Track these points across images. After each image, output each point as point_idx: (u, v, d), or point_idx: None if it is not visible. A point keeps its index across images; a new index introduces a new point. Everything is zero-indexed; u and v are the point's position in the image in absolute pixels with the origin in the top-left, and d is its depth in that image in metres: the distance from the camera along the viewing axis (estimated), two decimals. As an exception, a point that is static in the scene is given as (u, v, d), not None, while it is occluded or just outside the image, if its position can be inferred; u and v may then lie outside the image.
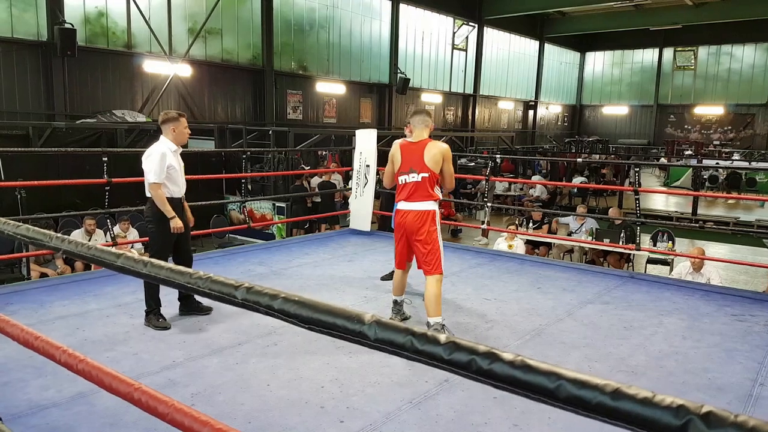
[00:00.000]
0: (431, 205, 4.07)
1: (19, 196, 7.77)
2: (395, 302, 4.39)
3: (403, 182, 4.12)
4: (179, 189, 4.30)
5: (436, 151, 4.04)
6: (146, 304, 4.11)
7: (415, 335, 0.81)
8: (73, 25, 12.30)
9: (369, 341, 0.86)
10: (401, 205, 4.14)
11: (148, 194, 4.20)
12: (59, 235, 1.51)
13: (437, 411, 3.02)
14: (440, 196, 4.26)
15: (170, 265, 1.19)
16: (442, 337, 0.78)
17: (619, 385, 0.68)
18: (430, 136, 4.15)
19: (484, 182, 8.28)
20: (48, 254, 6.90)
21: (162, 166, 4.11)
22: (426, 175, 4.02)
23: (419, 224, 4.05)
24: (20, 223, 1.64)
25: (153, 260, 1.26)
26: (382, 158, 8.06)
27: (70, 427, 2.78)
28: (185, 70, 14.96)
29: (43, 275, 6.77)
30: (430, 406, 3.06)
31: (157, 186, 4.11)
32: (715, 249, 10.45)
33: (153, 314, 4.11)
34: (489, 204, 7.55)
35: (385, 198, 7.22)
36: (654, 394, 0.65)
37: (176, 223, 4.15)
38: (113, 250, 1.38)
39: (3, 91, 11.90)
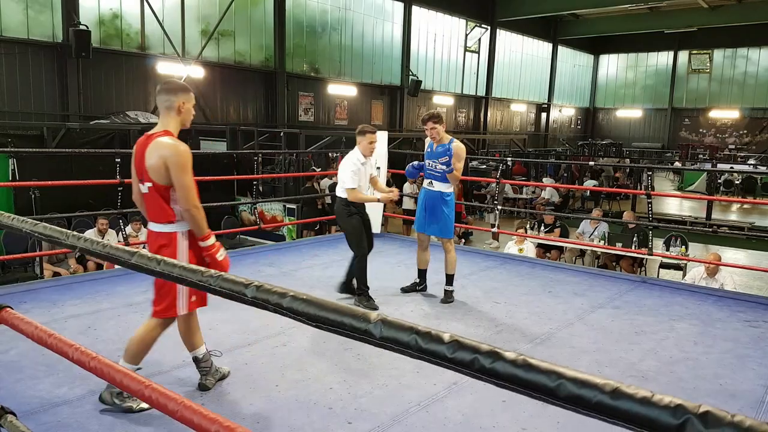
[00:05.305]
0: (172, 227, 2.89)
1: (33, 196, 7.86)
2: (195, 360, 3.19)
3: (139, 193, 2.99)
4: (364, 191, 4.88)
5: (158, 155, 2.79)
6: (357, 287, 4.84)
7: (420, 334, 0.82)
8: (87, 27, 12.44)
9: (374, 339, 0.87)
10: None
11: (338, 194, 4.83)
12: (75, 233, 1.54)
13: (445, 414, 3.02)
14: (177, 212, 2.88)
15: (183, 263, 1.21)
16: (446, 336, 0.79)
17: (618, 384, 0.68)
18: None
19: (494, 185, 8.27)
20: (61, 254, 6.98)
21: (352, 175, 4.72)
22: (150, 185, 2.85)
23: (155, 251, 2.86)
24: (37, 222, 1.67)
25: (166, 259, 1.28)
26: (393, 160, 8.08)
27: (82, 424, 2.81)
28: (198, 72, 15.07)
29: (56, 274, 6.84)
30: (438, 409, 3.07)
31: (351, 195, 4.73)
32: (729, 254, 10.34)
33: (364, 296, 4.84)
34: (499, 207, 7.53)
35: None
36: (653, 394, 0.66)
37: (384, 198, 5.03)
38: (128, 248, 1.40)
39: (18, 92, 12.05)
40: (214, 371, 3.25)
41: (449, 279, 5.07)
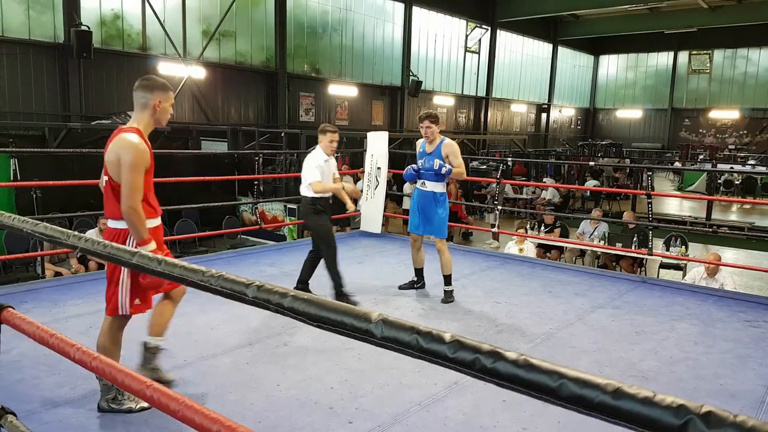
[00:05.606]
0: (124, 224, 2.83)
1: (34, 196, 7.87)
2: (144, 344, 3.10)
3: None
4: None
5: (115, 151, 2.77)
6: (333, 286, 4.74)
7: (421, 333, 0.82)
8: (89, 28, 12.44)
9: (375, 339, 0.87)
10: None
11: (303, 193, 4.85)
12: (76, 233, 1.54)
13: (446, 413, 3.02)
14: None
15: (184, 263, 1.21)
16: (447, 336, 0.79)
17: (620, 384, 0.68)
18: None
19: (494, 185, 8.27)
20: (62, 253, 6.98)
21: (316, 169, 4.77)
22: (107, 179, 2.85)
23: None
24: (38, 222, 1.68)
25: (167, 258, 1.28)
26: (394, 161, 8.08)
27: (83, 424, 2.81)
28: (199, 72, 15.08)
29: (57, 274, 6.84)
30: (439, 409, 3.07)
31: (316, 187, 4.74)
32: (729, 254, 10.34)
33: (342, 296, 4.73)
34: (499, 207, 7.53)
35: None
36: (654, 394, 0.66)
37: (348, 188, 4.99)
38: (128, 248, 1.40)
39: (20, 92, 12.05)
40: (153, 368, 3.06)
41: (447, 279, 5.05)
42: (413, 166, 5.15)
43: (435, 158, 4.88)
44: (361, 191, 7.64)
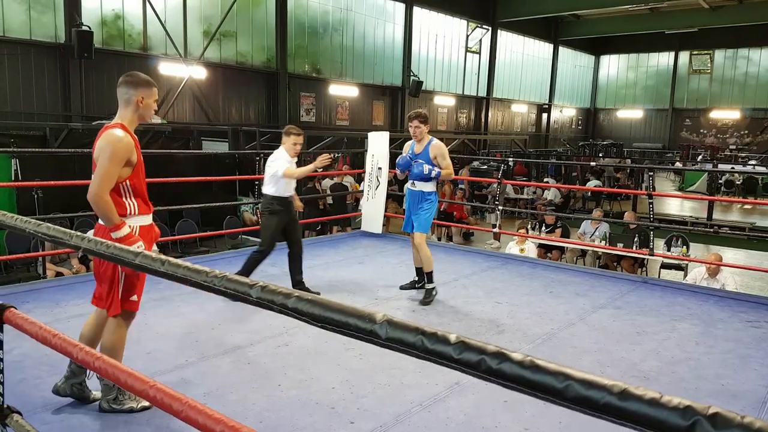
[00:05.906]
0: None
1: (36, 196, 7.87)
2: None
3: None
4: (289, 189, 5.07)
5: (100, 146, 2.81)
6: (239, 273, 4.62)
7: (426, 334, 0.82)
8: (90, 28, 12.45)
9: (380, 340, 0.87)
10: None
11: (264, 191, 5.09)
12: (79, 233, 1.54)
13: (447, 414, 3.02)
14: (129, 206, 2.89)
15: (187, 263, 1.21)
16: (452, 337, 0.79)
17: (626, 385, 0.68)
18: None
19: (495, 185, 8.26)
20: (63, 254, 6.98)
21: (285, 163, 4.94)
22: None
23: None
24: (41, 222, 1.68)
25: (170, 259, 1.28)
26: (394, 161, 8.09)
27: (85, 424, 2.82)
28: (200, 73, 15.08)
29: (58, 274, 6.85)
30: (440, 409, 3.07)
31: (288, 171, 4.89)
32: (730, 254, 10.34)
33: None
34: (500, 207, 7.53)
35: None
36: (661, 395, 0.66)
37: (320, 163, 5.08)
38: (132, 248, 1.40)
39: (21, 93, 12.06)
40: (81, 382, 3.02)
41: (428, 276, 4.94)
42: (407, 155, 5.14)
43: (423, 161, 4.90)
44: (362, 191, 7.64)
